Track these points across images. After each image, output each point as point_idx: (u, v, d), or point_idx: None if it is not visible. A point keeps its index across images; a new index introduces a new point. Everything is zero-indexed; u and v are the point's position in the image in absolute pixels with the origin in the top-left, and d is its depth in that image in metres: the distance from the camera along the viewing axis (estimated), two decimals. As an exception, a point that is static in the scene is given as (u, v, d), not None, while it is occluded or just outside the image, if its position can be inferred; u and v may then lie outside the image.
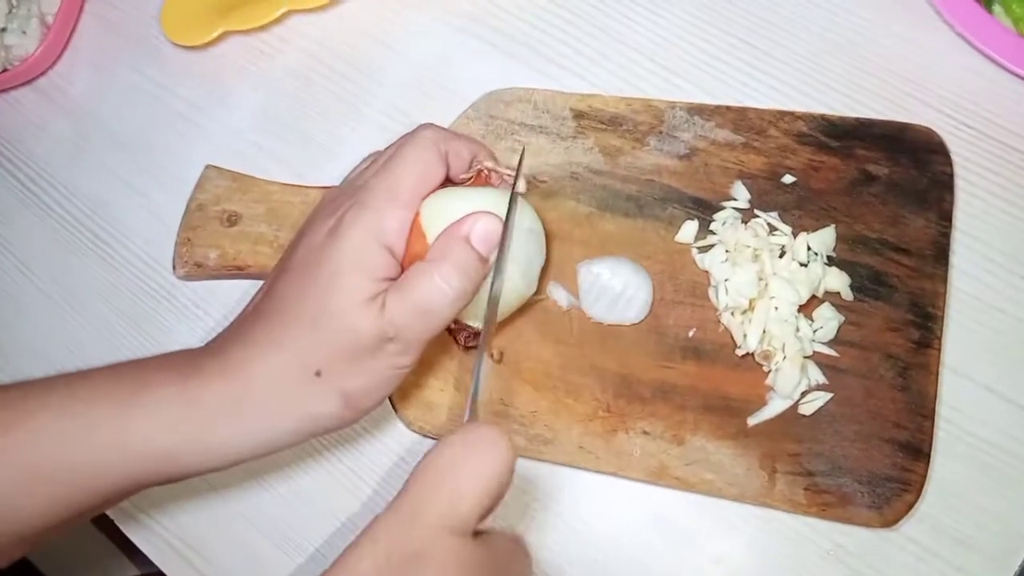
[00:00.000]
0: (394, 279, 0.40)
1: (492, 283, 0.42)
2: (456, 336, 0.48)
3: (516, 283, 0.45)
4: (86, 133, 0.63)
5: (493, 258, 0.41)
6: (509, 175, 0.45)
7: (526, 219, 0.45)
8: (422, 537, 0.32)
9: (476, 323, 0.46)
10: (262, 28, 0.61)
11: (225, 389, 0.39)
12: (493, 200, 0.43)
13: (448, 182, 0.44)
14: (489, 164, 0.45)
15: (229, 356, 0.40)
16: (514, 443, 0.47)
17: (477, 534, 0.33)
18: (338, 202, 0.43)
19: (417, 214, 0.42)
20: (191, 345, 0.55)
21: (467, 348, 0.50)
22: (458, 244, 0.40)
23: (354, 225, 0.40)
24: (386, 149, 0.45)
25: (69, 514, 0.39)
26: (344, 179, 0.47)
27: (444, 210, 0.41)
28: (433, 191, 0.43)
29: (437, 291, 0.39)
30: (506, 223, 0.42)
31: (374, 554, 0.32)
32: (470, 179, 0.45)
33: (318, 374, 0.40)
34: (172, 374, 0.40)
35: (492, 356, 0.50)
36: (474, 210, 0.41)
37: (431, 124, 0.44)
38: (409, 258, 0.41)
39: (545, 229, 0.47)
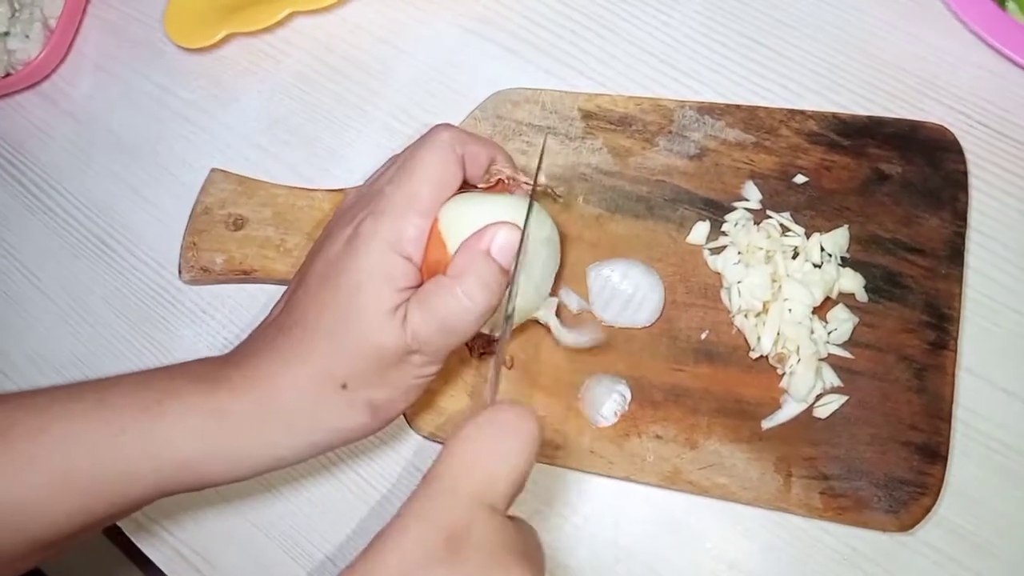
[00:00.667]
0: (415, 287, 0.40)
1: (510, 292, 0.41)
2: (470, 345, 0.48)
3: (532, 292, 0.44)
4: (91, 137, 0.62)
5: (512, 268, 0.41)
6: (528, 182, 0.45)
7: (544, 228, 0.44)
8: (463, 513, 0.32)
9: (493, 332, 0.45)
10: (266, 30, 0.60)
11: (250, 400, 0.39)
12: (513, 207, 0.42)
13: (466, 184, 0.43)
14: (508, 171, 0.44)
15: (254, 368, 0.40)
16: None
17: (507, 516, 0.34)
18: (355, 210, 0.42)
19: (436, 220, 0.41)
20: (198, 349, 0.55)
21: (480, 356, 0.49)
22: (480, 258, 0.39)
23: (372, 235, 0.40)
24: (402, 153, 0.44)
25: (91, 521, 0.39)
26: (365, 182, 0.46)
27: (464, 218, 0.41)
28: (451, 196, 0.42)
29: (462, 308, 0.39)
30: (523, 231, 0.41)
31: (418, 528, 0.32)
32: (491, 185, 0.44)
33: (344, 386, 0.39)
34: (199, 383, 0.40)
35: (504, 363, 0.49)
36: (494, 219, 0.40)
37: (448, 125, 0.43)
38: (428, 265, 0.41)
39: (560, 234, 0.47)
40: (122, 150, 0.61)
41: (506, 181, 0.44)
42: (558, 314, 0.47)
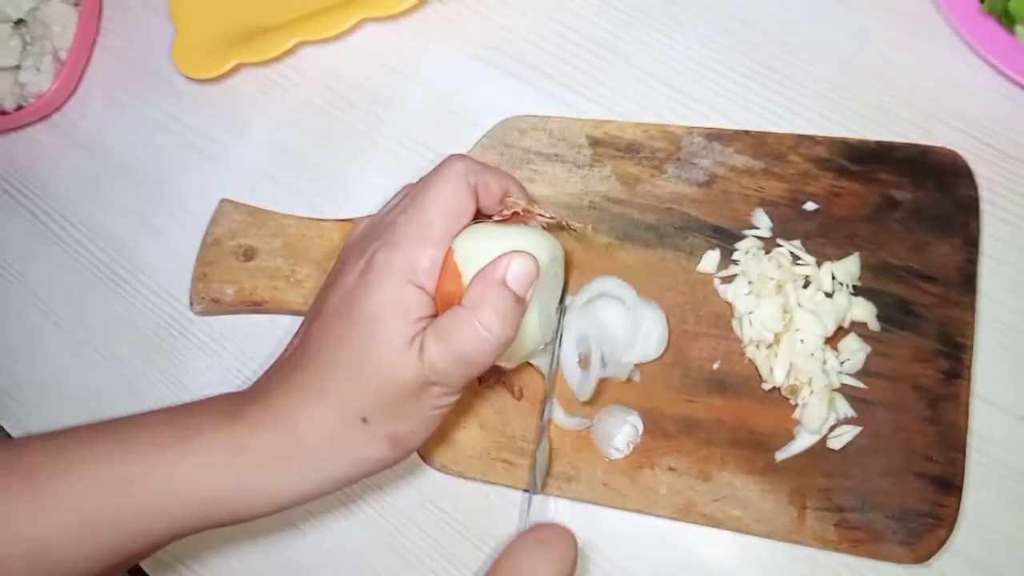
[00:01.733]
0: (430, 317, 0.40)
1: (535, 322, 0.41)
2: (480, 376, 0.48)
3: (540, 327, 0.44)
4: (101, 168, 0.63)
5: (530, 296, 0.40)
6: (543, 215, 0.45)
7: (556, 262, 0.44)
8: None
9: (504, 363, 0.45)
10: (275, 59, 0.60)
11: (271, 437, 0.39)
12: (528, 239, 0.42)
13: (479, 216, 0.43)
14: (523, 203, 0.44)
15: (273, 404, 0.40)
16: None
17: None
18: (367, 242, 0.42)
19: (451, 251, 0.41)
20: (211, 380, 0.56)
21: (490, 387, 0.49)
22: (496, 289, 0.39)
23: (386, 267, 0.40)
24: (416, 183, 0.44)
25: (117, 560, 0.39)
26: (377, 212, 0.46)
27: (480, 249, 0.41)
28: (465, 227, 0.42)
29: (480, 339, 0.39)
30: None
31: None
32: (506, 218, 0.44)
33: (364, 421, 0.39)
34: (219, 419, 0.40)
35: (513, 393, 0.49)
36: (510, 250, 0.40)
37: (461, 156, 0.43)
38: (442, 296, 0.40)
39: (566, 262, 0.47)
40: (132, 180, 0.62)
41: (521, 213, 0.44)
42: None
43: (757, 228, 0.50)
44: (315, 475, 0.40)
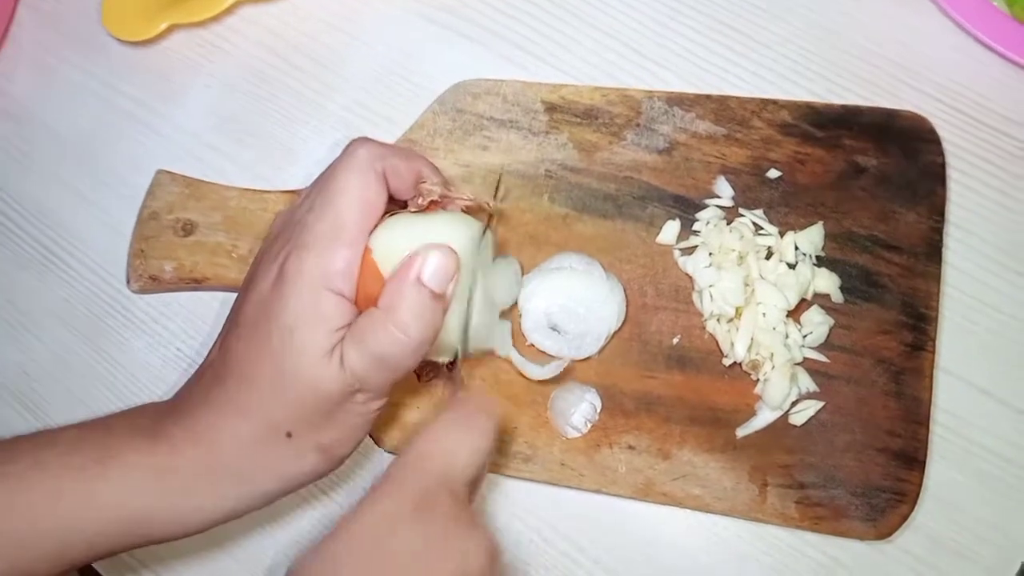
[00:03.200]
0: (350, 323, 0.38)
1: (463, 314, 0.39)
2: (417, 372, 0.46)
3: (481, 315, 0.42)
4: (30, 137, 0.59)
5: (451, 291, 0.38)
6: (462, 198, 0.42)
7: (478, 248, 0.42)
8: (429, 487, 0.36)
9: (441, 358, 0.43)
10: (212, 20, 0.57)
11: (195, 456, 0.37)
12: (449, 225, 0.39)
13: (394, 202, 0.41)
14: (439, 189, 0.41)
15: (195, 421, 0.38)
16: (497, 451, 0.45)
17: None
18: (279, 244, 0.40)
19: (367, 250, 0.38)
20: (151, 361, 0.53)
21: (428, 381, 0.47)
22: (410, 288, 0.37)
23: (298, 274, 0.37)
24: (321, 175, 0.41)
25: None
26: (289, 207, 0.44)
27: (397, 243, 0.38)
28: (381, 220, 0.39)
29: (396, 342, 0.37)
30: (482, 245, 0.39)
31: (391, 497, 0.36)
32: (423, 207, 0.41)
33: (289, 435, 0.37)
34: (139, 439, 0.38)
35: (456, 384, 0.47)
36: (429, 241, 0.38)
37: (364, 140, 0.40)
38: (365, 299, 0.38)
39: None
40: (64, 151, 0.58)
41: (439, 200, 0.41)
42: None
43: (719, 197, 0.48)
44: (243, 492, 0.38)
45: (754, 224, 0.46)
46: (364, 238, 0.38)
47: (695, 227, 0.47)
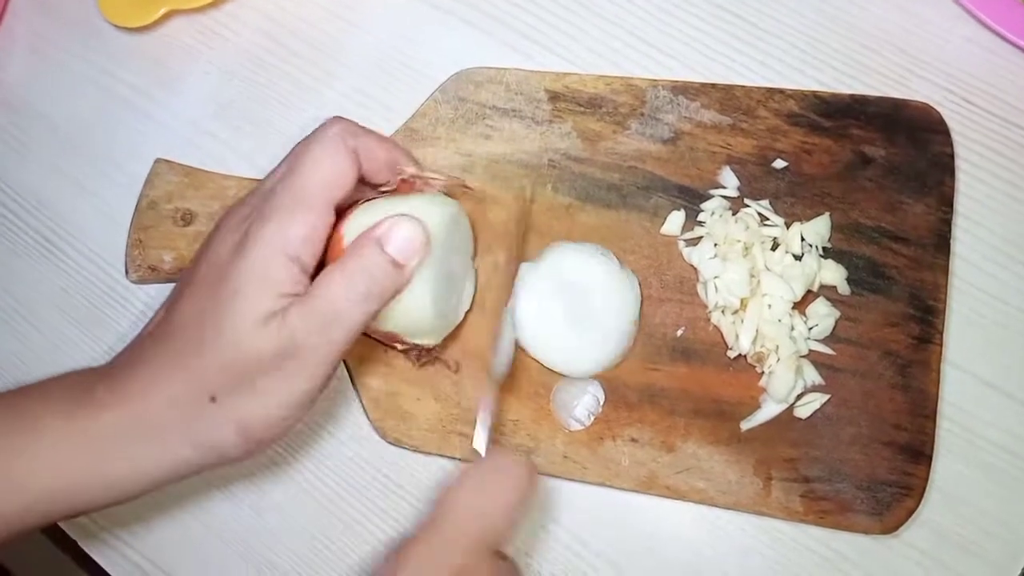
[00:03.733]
0: (300, 295, 0.37)
1: (436, 293, 0.39)
2: (407, 354, 0.45)
3: (444, 292, 0.42)
4: (26, 125, 0.58)
5: (413, 265, 0.38)
6: (435, 178, 0.42)
7: (454, 229, 0.42)
8: (468, 558, 0.35)
9: (425, 340, 0.43)
10: (211, 5, 0.56)
11: (116, 418, 0.37)
12: (420, 206, 0.39)
13: (363, 183, 0.40)
14: (412, 170, 0.41)
15: (123, 382, 0.38)
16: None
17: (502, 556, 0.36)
18: (244, 211, 0.39)
19: (340, 236, 0.38)
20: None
21: (421, 365, 0.47)
22: (367, 246, 0.37)
23: (258, 239, 0.37)
24: (292, 149, 0.41)
25: None
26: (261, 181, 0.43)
27: (364, 222, 0.38)
28: (353, 201, 0.39)
29: (339, 294, 0.36)
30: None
31: (431, 565, 0.34)
32: (397, 188, 0.41)
33: (213, 399, 0.37)
34: (59, 404, 0.37)
35: (450, 367, 0.47)
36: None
37: (338, 118, 0.40)
38: None
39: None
40: (61, 139, 0.57)
41: (412, 181, 0.41)
42: None
43: (724, 187, 0.47)
44: (164, 457, 0.38)
45: (760, 215, 0.46)
46: (328, 208, 0.38)
47: (700, 218, 0.47)
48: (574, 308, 0.44)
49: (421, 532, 0.35)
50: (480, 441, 0.39)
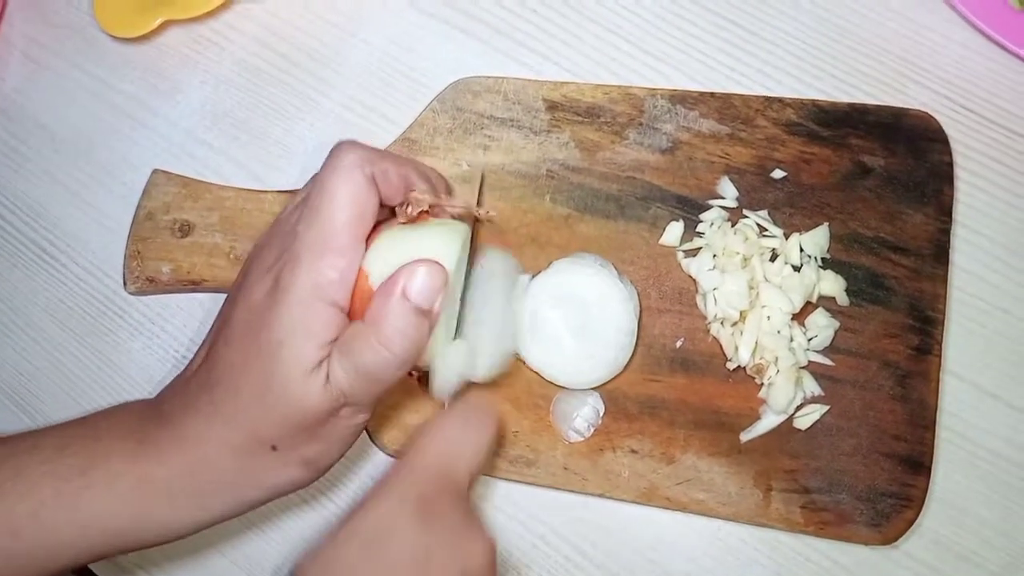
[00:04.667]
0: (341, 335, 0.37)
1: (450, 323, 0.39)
2: (418, 377, 0.45)
3: (494, 340, 0.41)
4: (22, 134, 0.58)
5: (438, 306, 0.37)
6: (453, 206, 0.41)
7: (497, 264, 0.41)
8: (432, 486, 0.37)
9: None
10: (208, 15, 0.56)
11: (180, 464, 0.37)
12: (439, 240, 0.38)
13: (382, 208, 0.39)
14: (428, 198, 0.40)
15: (182, 427, 0.37)
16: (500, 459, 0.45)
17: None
18: (272, 253, 0.39)
19: (366, 274, 0.37)
20: (148, 363, 0.52)
21: (425, 387, 0.46)
22: (395, 304, 0.36)
23: (292, 285, 0.36)
24: (310, 181, 0.40)
25: None
26: (282, 211, 0.43)
27: (386, 258, 0.37)
28: (376, 229, 0.39)
29: (380, 359, 0.36)
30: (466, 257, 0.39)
31: (395, 495, 0.36)
32: (412, 218, 0.40)
33: (274, 448, 0.37)
34: (124, 443, 0.37)
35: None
36: (418, 255, 0.37)
37: (352, 143, 0.38)
38: (357, 315, 0.37)
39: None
40: (57, 148, 0.57)
41: (429, 211, 0.40)
42: None
43: (723, 198, 0.47)
44: (227, 500, 0.38)
45: (758, 225, 0.46)
46: (358, 245, 0.37)
47: (699, 228, 0.47)
48: (573, 320, 0.44)
49: (394, 466, 0.38)
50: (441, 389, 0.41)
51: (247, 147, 0.55)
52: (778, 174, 0.47)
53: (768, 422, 0.44)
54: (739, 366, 0.44)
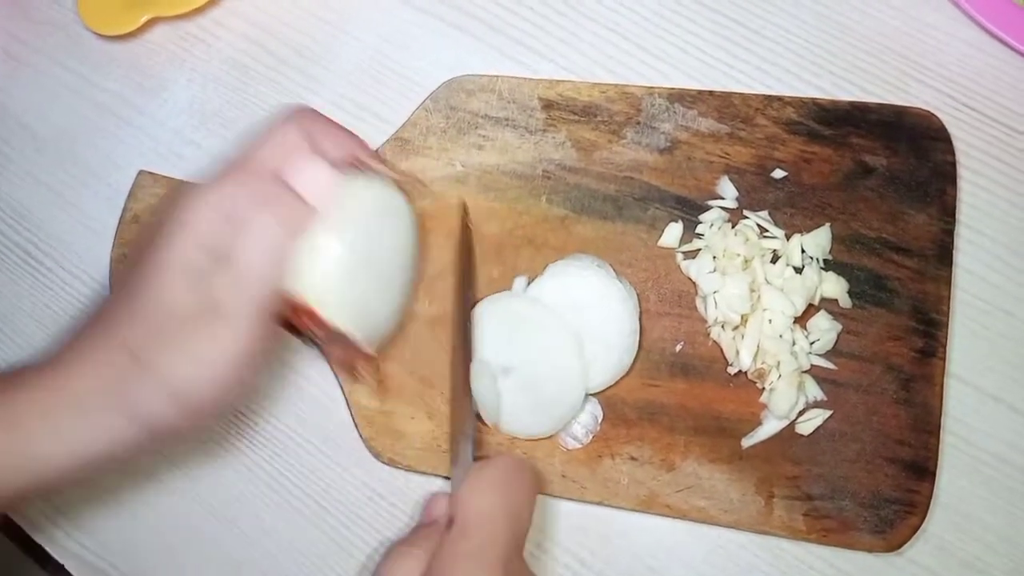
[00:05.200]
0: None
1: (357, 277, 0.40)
2: (326, 346, 0.45)
3: (388, 293, 0.42)
4: (3, 134, 0.56)
5: (318, 205, 0.38)
6: (382, 168, 0.43)
7: (400, 221, 0.43)
8: (509, 555, 0.36)
9: (335, 319, 0.40)
10: (195, 12, 0.54)
11: (40, 393, 0.36)
12: (359, 183, 0.41)
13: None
14: (362, 155, 0.42)
15: (55, 358, 0.37)
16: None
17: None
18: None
19: None
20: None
21: (352, 377, 0.46)
22: (274, 188, 0.38)
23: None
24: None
25: None
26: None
27: None
28: None
29: (264, 239, 0.37)
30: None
31: (477, 567, 0.35)
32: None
33: (136, 357, 0.36)
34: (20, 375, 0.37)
35: (376, 386, 0.46)
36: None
37: (299, 113, 0.41)
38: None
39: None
40: (41, 149, 0.56)
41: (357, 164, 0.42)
42: None
43: (722, 198, 0.46)
44: (94, 431, 0.36)
45: (759, 226, 0.45)
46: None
47: (698, 230, 0.46)
48: (571, 324, 0.43)
49: (451, 542, 0.35)
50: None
51: (235, 147, 0.53)
52: (778, 174, 0.46)
53: (770, 427, 0.43)
54: (740, 371, 0.43)
